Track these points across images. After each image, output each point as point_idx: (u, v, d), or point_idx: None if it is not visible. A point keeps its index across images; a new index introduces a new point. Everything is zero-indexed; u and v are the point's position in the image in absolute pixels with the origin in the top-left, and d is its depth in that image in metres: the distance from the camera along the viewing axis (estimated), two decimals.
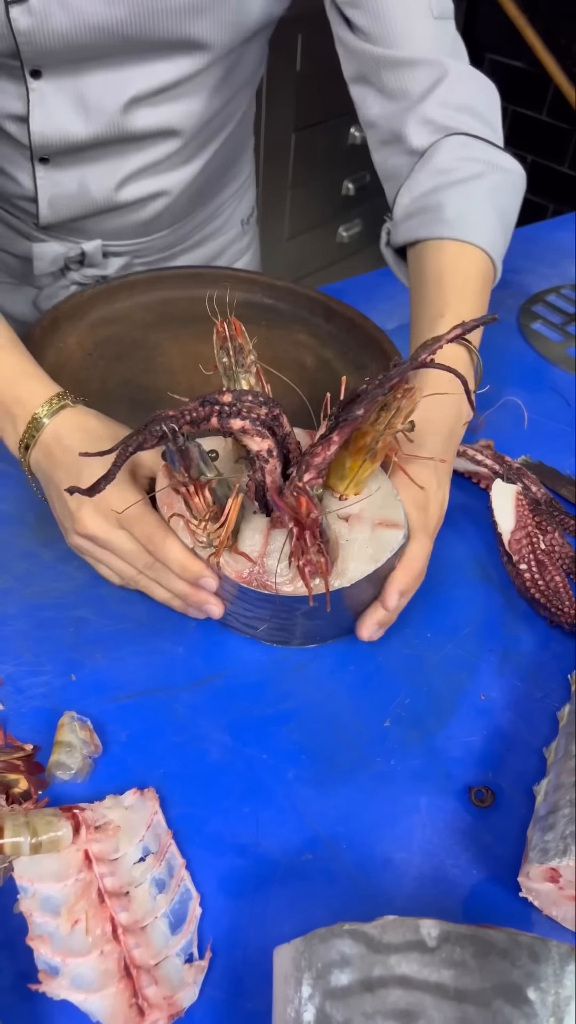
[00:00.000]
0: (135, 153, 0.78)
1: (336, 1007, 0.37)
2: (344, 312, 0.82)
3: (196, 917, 0.47)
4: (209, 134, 0.83)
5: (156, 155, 0.79)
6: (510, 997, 0.36)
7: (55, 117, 0.73)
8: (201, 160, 0.84)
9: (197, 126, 0.79)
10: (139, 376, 0.75)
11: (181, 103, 0.76)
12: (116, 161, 0.78)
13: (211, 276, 0.86)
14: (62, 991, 0.43)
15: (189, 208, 0.89)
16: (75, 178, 0.79)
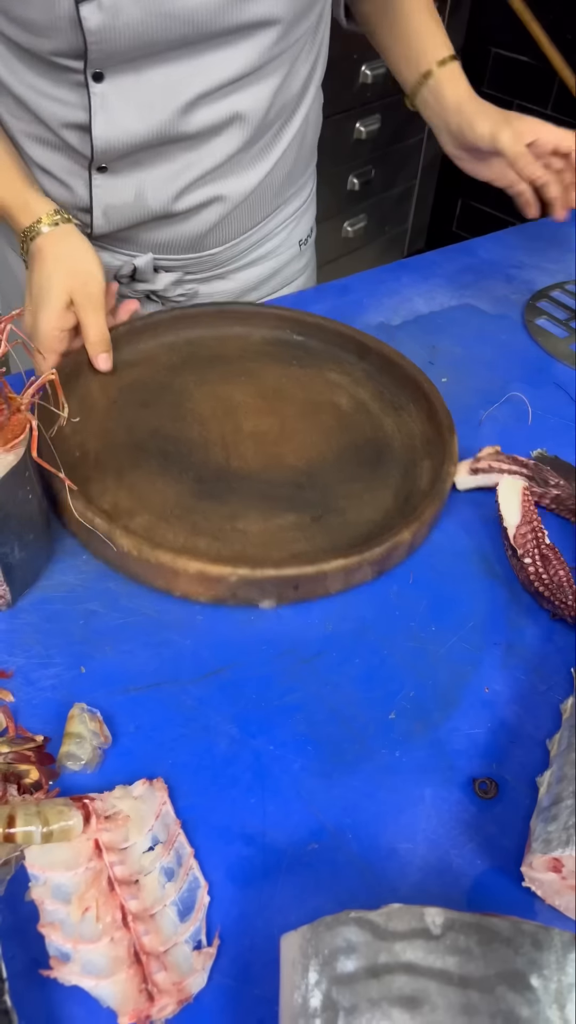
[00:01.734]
0: (196, 155, 0.78)
1: (342, 993, 0.38)
2: (378, 349, 0.80)
3: (204, 905, 0.47)
4: (274, 133, 0.82)
5: (216, 158, 0.79)
6: (513, 984, 0.37)
7: (118, 121, 0.73)
8: (262, 168, 0.83)
9: (258, 125, 0.79)
10: (168, 425, 0.73)
11: (245, 95, 0.76)
12: (176, 164, 0.78)
13: (237, 313, 0.84)
14: (73, 977, 0.44)
15: (247, 223, 0.88)
16: (132, 185, 0.79)
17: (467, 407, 0.81)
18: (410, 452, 0.73)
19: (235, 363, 0.79)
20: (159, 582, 0.61)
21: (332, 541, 0.65)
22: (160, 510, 0.66)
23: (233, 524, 0.66)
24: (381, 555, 0.62)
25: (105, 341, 0.74)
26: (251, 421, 0.74)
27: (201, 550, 0.63)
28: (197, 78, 0.72)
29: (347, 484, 0.70)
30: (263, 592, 0.61)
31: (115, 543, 0.60)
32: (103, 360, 0.74)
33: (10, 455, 0.55)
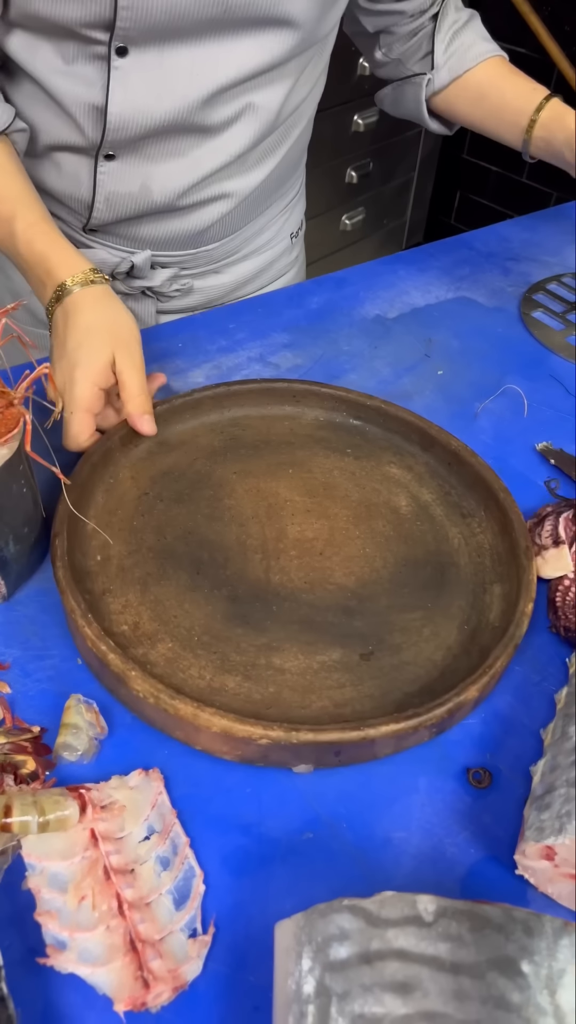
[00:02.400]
0: (206, 150, 0.78)
1: (335, 979, 0.38)
2: (445, 441, 0.71)
3: (200, 894, 0.48)
4: (277, 139, 0.83)
5: (226, 155, 0.79)
6: (504, 970, 0.38)
7: (135, 99, 0.72)
8: (267, 166, 0.84)
9: (270, 123, 0.79)
10: (203, 526, 0.66)
11: (262, 92, 0.76)
12: (185, 160, 0.78)
13: (287, 391, 0.75)
14: (70, 965, 0.44)
15: (245, 218, 0.88)
16: (139, 176, 0.78)
17: (463, 400, 0.81)
18: (479, 573, 0.64)
19: (283, 450, 0.72)
20: (178, 733, 0.54)
21: (383, 688, 0.57)
22: (186, 636, 0.58)
23: (269, 659, 0.58)
24: (441, 717, 0.53)
25: (149, 401, 0.69)
26: (297, 525, 0.66)
27: (230, 693, 0.55)
28: (220, 67, 0.71)
29: (404, 612, 0.61)
30: (298, 757, 0.53)
31: (130, 686, 0.53)
32: (147, 422, 0.68)
33: (4, 449, 0.55)
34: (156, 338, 0.85)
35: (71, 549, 0.60)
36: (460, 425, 0.78)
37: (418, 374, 0.84)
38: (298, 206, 1.00)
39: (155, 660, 0.57)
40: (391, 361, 0.85)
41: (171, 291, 0.91)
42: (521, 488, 0.72)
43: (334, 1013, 0.37)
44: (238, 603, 0.61)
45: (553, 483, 0.71)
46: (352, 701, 0.56)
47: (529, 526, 0.67)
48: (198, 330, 0.87)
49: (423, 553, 0.66)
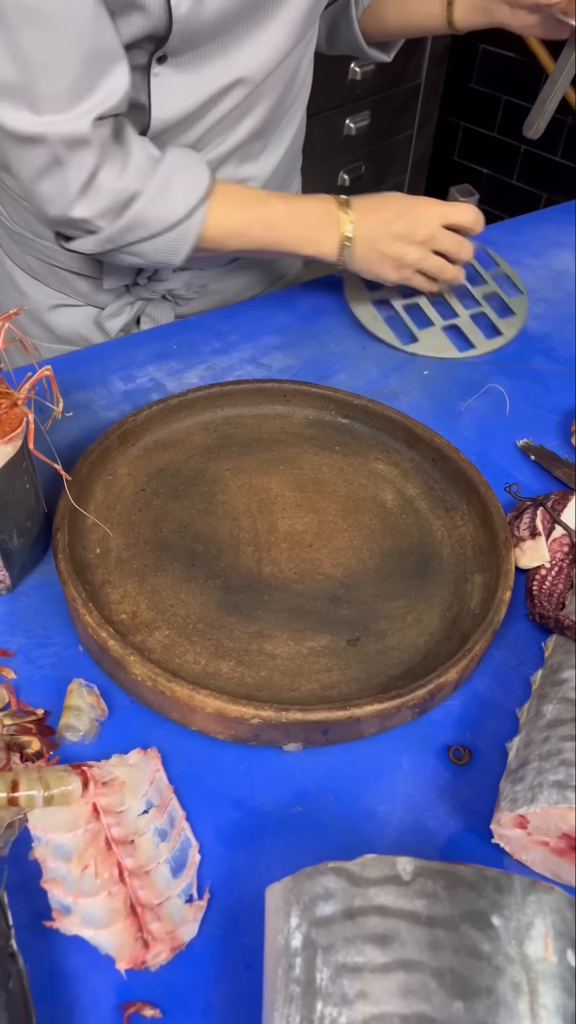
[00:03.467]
0: (225, 135, 0.81)
1: (320, 933, 0.42)
2: (431, 440, 0.74)
3: (195, 863, 0.51)
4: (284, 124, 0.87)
5: (243, 134, 0.82)
6: (476, 922, 0.41)
7: (178, 99, 0.75)
8: (275, 154, 0.88)
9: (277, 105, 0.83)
10: (198, 520, 0.68)
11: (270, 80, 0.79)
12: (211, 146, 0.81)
13: (278, 391, 0.78)
14: (74, 927, 0.47)
15: None
16: None
17: (447, 398, 0.84)
18: (461, 563, 0.67)
19: (274, 448, 0.75)
20: (174, 715, 0.57)
21: (368, 672, 0.60)
22: (182, 624, 0.61)
23: (260, 645, 0.61)
24: (422, 698, 0.56)
25: None
26: (287, 519, 0.69)
27: (223, 677, 0.59)
28: (250, 60, 0.75)
29: (389, 601, 0.64)
30: (288, 735, 0.56)
31: (129, 671, 0.56)
32: None
33: (8, 447, 0.58)
34: (151, 340, 0.89)
35: (72, 542, 0.63)
36: (444, 423, 0.81)
37: (404, 374, 0.87)
38: None
39: (152, 647, 0.60)
40: (379, 362, 0.88)
41: (189, 293, 0.94)
42: (502, 483, 0.75)
43: (319, 964, 0.41)
44: (231, 593, 0.64)
45: (514, 487, 0.74)
46: (339, 684, 0.59)
47: (509, 519, 0.71)
48: (192, 332, 0.90)
49: (408, 545, 0.69)
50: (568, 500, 0.70)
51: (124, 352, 0.87)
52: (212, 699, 0.54)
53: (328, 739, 0.57)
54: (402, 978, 0.39)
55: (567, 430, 0.82)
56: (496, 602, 0.62)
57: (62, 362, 0.85)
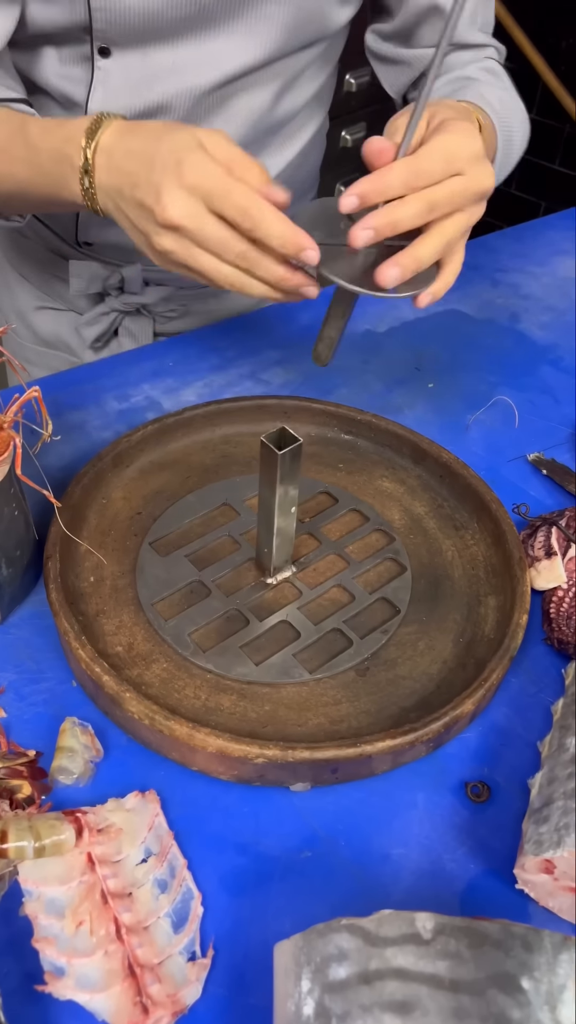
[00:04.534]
0: None
1: (334, 1000, 0.38)
2: (436, 454, 0.71)
3: (198, 916, 0.47)
4: (272, 149, 0.83)
5: None
6: (504, 986, 0.37)
7: (116, 98, 0.72)
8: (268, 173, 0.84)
9: (257, 127, 0.79)
10: (196, 545, 0.66)
11: (245, 96, 0.76)
12: None
13: (278, 408, 0.74)
14: (68, 991, 0.44)
15: None
16: None
17: (454, 412, 0.81)
18: (473, 585, 0.64)
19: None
20: (174, 755, 0.54)
21: (379, 704, 0.56)
22: (181, 655, 0.58)
23: (264, 676, 0.58)
24: (437, 731, 0.53)
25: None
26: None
27: (225, 712, 0.55)
28: (202, 68, 0.72)
29: (399, 626, 0.61)
30: (295, 775, 0.53)
31: (124, 708, 0.52)
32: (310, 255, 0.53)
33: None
34: (146, 357, 0.86)
35: (64, 571, 0.60)
36: (451, 437, 0.78)
37: (409, 388, 0.84)
38: None
39: (150, 681, 0.57)
40: (382, 375, 0.85)
41: (166, 311, 0.91)
42: (514, 499, 0.72)
43: None
44: (233, 621, 0.61)
45: (523, 507, 0.71)
46: (348, 717, 0.56)
47: (522, 537, 0.68)
48: (189, 348, 0.87)
49: (417, 566, 0.66)
50: None
51: (118, 370, 0.84)
52: (213, 738, 0.51)
53: (338, 778, 0.53)
54: None
55: None
56: (512, 627, 0.58)
57: (54, 381, 0.82)
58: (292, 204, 0.90)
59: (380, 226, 0.53)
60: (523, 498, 0.73)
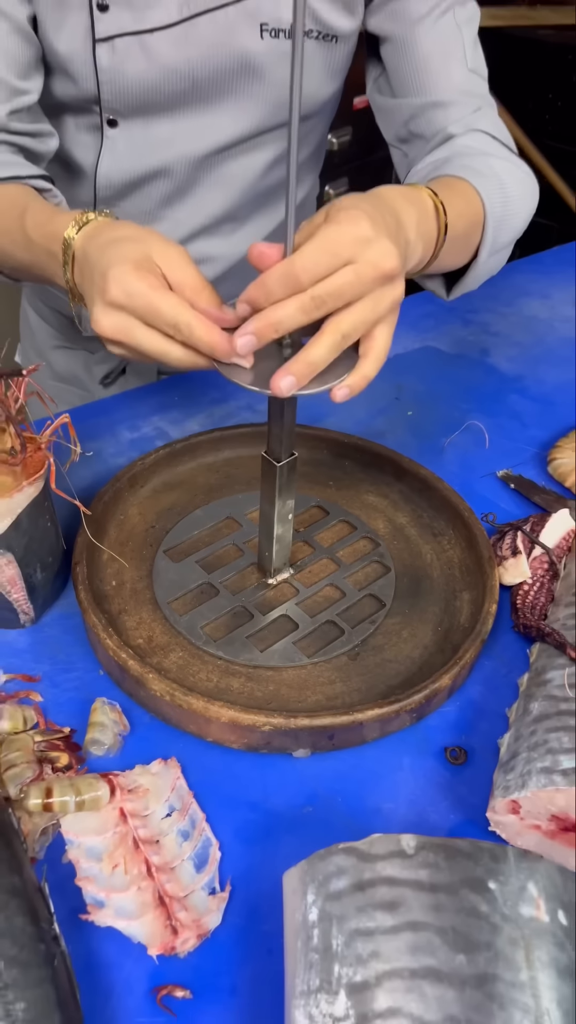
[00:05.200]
0: (189, 210, 0.88)
1: (334, 906, 0.46)
2: (417, 472, 0.80)
3: (216, 859, 0.55)
4: (265, 209, 0.92)
5: (209, 213, 0.88)
6: (475, 887, 0.45)
7: (122, 162, 0.83)
8: (254, 235, 0.93)
9: (251, 191, 0.89)
10: (205, 551, 0.74)
11: (238, 162, 0.85)
12: (170, 221, 0.88)
13: None
14: (108, 919, 0.51)
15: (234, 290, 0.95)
16: None
17: (431, 435, 0.91)
18: (450, 583, 0.73)
19: None
20: (191, 727, 0.61)
21: (368, 683, 0.65)
22: (194, 646, 0.67)
23: (267, 662, 0.66)
24: (419, 702, 0.61)
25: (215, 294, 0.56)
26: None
27: (235, 691, 0.64)
28: (197, 137, 0.82)
29: (385, 618, 0.70)
30: (297, 741, 0.61)
31: (148, 687, 0.60)
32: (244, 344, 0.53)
33: (32, 488, 0.64)
34: (153, 393, 0.95)
35: (90, 575, 0.68)
36: (429, 458, 0.87)
37: (390, 415, 0.94)
38: None
39: (168, 667, 0.65)
40: (366, 404, 0.95)
41: None
42: (485, 511, 0.81)
43: (335, 932, 0.45)
44: (239, 616, 0.69)
45: (491, 516, 0.80)
46: (342, 695, 0.64)
47: (492, 541, 0.76)
48: (191, 384, 0.97)
49: (400, 567, 0.74)
50: (545, 521, 0.76)
51: (128, 405, 0.93)
52: (226, 709, 0.59)
53: (334, 744, 0.61)
54: (410, 937, 0.44)
55: (544, 460, 0.88)
56: (483, 614, 0.67)
57: (72, 415, 0.91)
58: None
59: (259, 329, 0.52)
60: (494, 509, 0.82)
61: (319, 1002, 0.43)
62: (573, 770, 0.53)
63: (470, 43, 0.81)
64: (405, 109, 0.82)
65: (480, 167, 0.73)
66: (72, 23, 0.74)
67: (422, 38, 0.79)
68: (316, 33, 0.79)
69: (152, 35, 0.75)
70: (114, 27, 0.74)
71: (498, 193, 0.72)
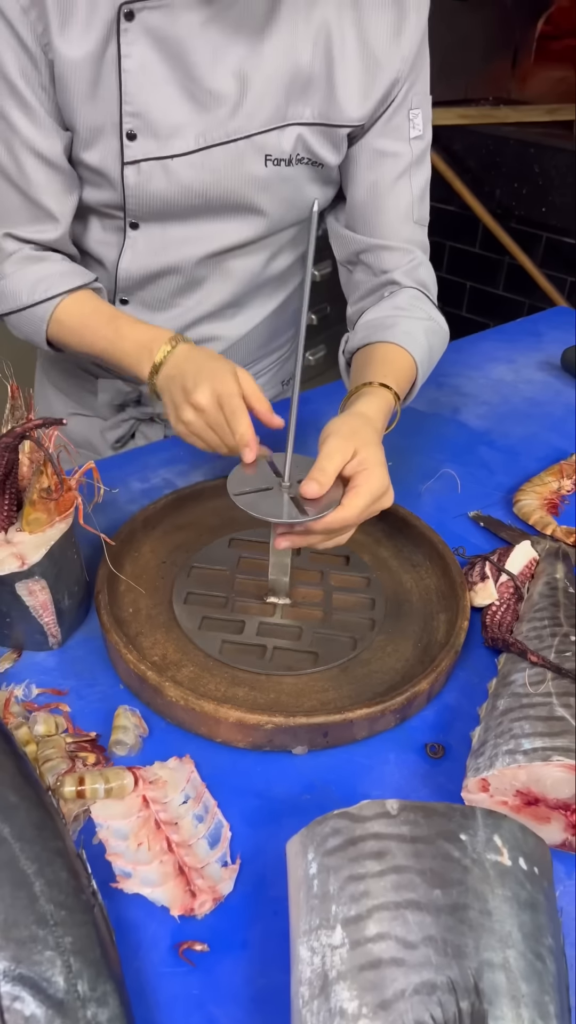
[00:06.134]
0: (198, 298, 1.00)
1: (330, 859, 0.54)
2: (396, 512, 0.90)
3: (227, 838, 0.63)
4: (263, 297, 1.06)
5: (216, 301, 1.01)
6: (448, 838, 0.54)
7: (140, 260, 0.95)
8: (253, 319, 1.06)
9: (251, 283, 1.02)
10: (212, 582, 0.84)
11: (241, 261, 0.99)
12: (181, 308, 1.01)
13: None
14: (135, 887, 0.59)
15: (239, 361, 1.02)
16: (145, 319, 0.93)
17: (409, 483, 1.02)
18: (427, 606, 0.83)
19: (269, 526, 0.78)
20: (203, 729, 0.69)
21: (357, 690, 0.73)
22: (204, 661, 0.75)
23: (269, 674, 0.75)
24: (401, 704, 0.69)
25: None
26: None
27: (240, 699, 0.72)
28: (206, 240, 0.95)
29: (372, 635, 0.79)
30: (296, 739, 0.68)
31: (164, 694, 0.69)
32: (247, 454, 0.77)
33: (63, 523, 0.74)
34: (163, 448, 1.06)
35: (110, 602, 0.78)
36: (409, 501, 0.98)
37: None
38: (291, 360, 1.22)
39: (181, 680, 0.74)
40: None
41: None
42: (457, 544, 0.91)
43: (331, 879, 0.53)
44: (244, 634, 0.79)
45: (461, 549, 0.91)
46: (335, 700, 0.73)
47: (465, 570, 0.86)
48: None
49: (384, 593, 0.84)
50: (510, 552, 0.86)
51: (139, 459, 1.04)
52: (234, 711, 0.68)
53: (328, 741, 0.70)
54: (394, 878, 0.52)
55: (509, 502, 0.99)
56: (456, 629, 0.76)
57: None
58: (277, 337, 1.13)
59: (294, 541, 0.74)
60: (466, 544, 0.93)
61: (319, 936, 0.51)
62: (533, 750, 0.62)
63: (419, 199, 0.97)
64: (358, 242, 0.98)
65: (416, 333, 0.91)
66: (104, 146, 0.87)
67: (384, 192, 0.95)
68: (307, 160, 0.92)
69: (173, 160, 0.88)
70: (140, 152, 0.87)
71: (427, 358, 0.92)
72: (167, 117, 0.86)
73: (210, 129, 0.87)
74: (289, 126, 0.89)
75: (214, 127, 0.87)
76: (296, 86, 0.87)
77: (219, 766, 0.69)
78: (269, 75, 0.85)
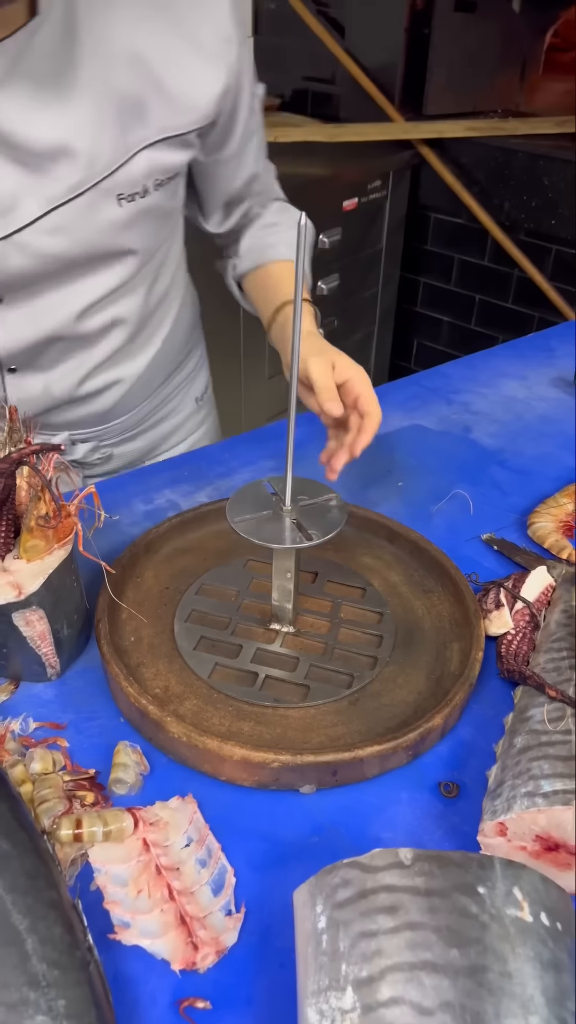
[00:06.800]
0: (88, 353, 0.97)
1: (340, 912, 0.51)
2: (407, 535, 0.88)
3: (232, 884, 0.60)
4: (152, 327, 1.03)
5: (107, 350, 0.98)
6: (465, 891, 0.51)
7: (16, 333, 0.90)
8: (149, 352, 1.04)
9: (139, 320, 0.99)
10: (215, 609, 0.81)
11: (123, 303, 0.95)
12: (73, 362, 0.96)
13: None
14: (133, 939, 0.56)
15: (144, 394, 1.07)
16: (39, 382, 0.95)
17: (420, 504, 0.99)
18: (440, 634, 0.79)
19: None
20: (206, 766, 0.66)
21: (368, 725, 0.70)
22: (207, 694, 0.72)
23: (275, 707, 0.72)
24: (414, 740, 0.66)
25: None
26: None
27: (245, 734, 0.69)
28: (79, 295, 0.91)
29: (382, 666, 0.76)
30: (303, 777, 0.66)
31: (166, 730, 0.66)
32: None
33: (62, 551, 0.71)
34: (165, 469, 1.04)
35: (111, 631, 0.75)
36: (419, 524, 0.95)
37: (382, 486, 1.02)
38: (200, 374, 1.20)
39: (184, 713, 0.71)
40: (360, 476, 1.03)
41: (94, 459, 1.09)
42: (471, 570, 0.88)
43: (341, 935, 0.50)
44: (249, 665, 0.76)
45: (474, 576, 0.88)
46: (344, 735, 0.70)
47: (478, 597, 0.83)
48: (199, 461, 1.05)
49: (395, 621, 0.81)
50: (526, 578, 0.83)
51: (142, 480, 1.02)
52: (239, 748, 0.65)
53: (337, 780, 0.67)
54: (408, 936, 0.49)
55: (523, 524, 0.96)
56: (471, 661, 0.73)
57: None
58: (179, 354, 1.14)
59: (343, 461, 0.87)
60: (479, 569, 0.90)
61: (328, 999, 0.48)
62: (554, 793, 0.59)
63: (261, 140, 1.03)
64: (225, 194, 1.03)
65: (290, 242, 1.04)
66: None
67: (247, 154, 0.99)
68: (163, 180, 0.88)
69: (21, 233, 0.82)
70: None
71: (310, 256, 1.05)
72: (1, 192, 0.80)
73: (51, 189, 0.81)
74: (137, 154, 0.84)
75: (54, 186, 0.81)
76: (127, 112, 0.81)
77: (223, 806, 0.66)
78: (92, 115, 0.79)
